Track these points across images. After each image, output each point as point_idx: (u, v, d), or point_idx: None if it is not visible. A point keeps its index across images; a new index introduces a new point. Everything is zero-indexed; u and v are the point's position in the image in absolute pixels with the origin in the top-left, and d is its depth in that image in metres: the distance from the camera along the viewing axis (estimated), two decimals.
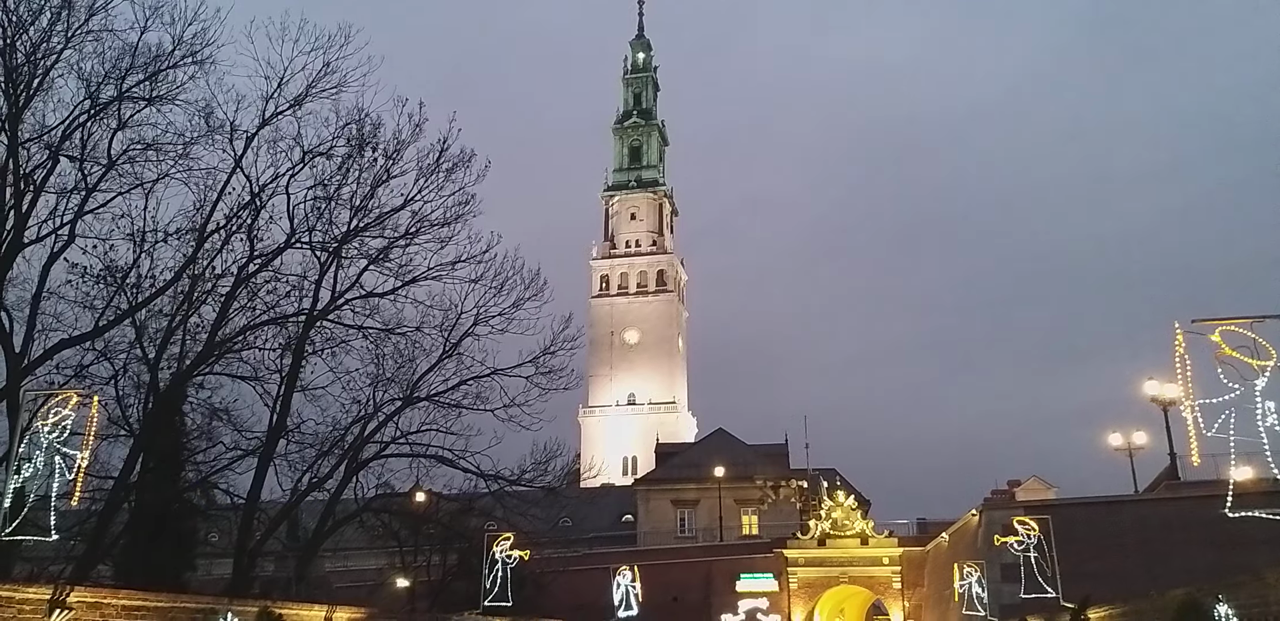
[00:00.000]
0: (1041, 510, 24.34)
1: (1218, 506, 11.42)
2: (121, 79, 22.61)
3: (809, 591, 48.40)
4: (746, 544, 53.60)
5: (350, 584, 39.96)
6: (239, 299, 24.66)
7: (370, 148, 25.86)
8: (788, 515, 55.26)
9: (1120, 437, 36.83)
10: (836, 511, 49.12)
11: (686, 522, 61.42)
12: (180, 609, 12.01)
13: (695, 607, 46.77)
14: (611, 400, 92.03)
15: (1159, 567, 24.37)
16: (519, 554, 21.96)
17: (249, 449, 25.24)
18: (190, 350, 24.07)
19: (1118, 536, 29.26)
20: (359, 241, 26.44)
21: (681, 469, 62.80)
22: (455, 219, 26.69)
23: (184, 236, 24.13)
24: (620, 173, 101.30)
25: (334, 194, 25.87)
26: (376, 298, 26.77)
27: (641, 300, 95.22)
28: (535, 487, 29.67)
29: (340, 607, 15.91)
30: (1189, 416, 9.71)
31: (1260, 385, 9.29)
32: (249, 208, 24.81)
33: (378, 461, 28.49)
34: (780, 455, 63.63)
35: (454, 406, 28.24)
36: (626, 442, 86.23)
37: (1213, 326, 9.64)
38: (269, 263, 25.18)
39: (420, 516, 33.20)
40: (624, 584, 28.89)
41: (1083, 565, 22.14)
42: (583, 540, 45.75)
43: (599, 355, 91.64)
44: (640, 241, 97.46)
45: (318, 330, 26.23)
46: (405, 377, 27.85)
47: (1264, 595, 9.51)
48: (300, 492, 26.48)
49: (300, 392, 26.07)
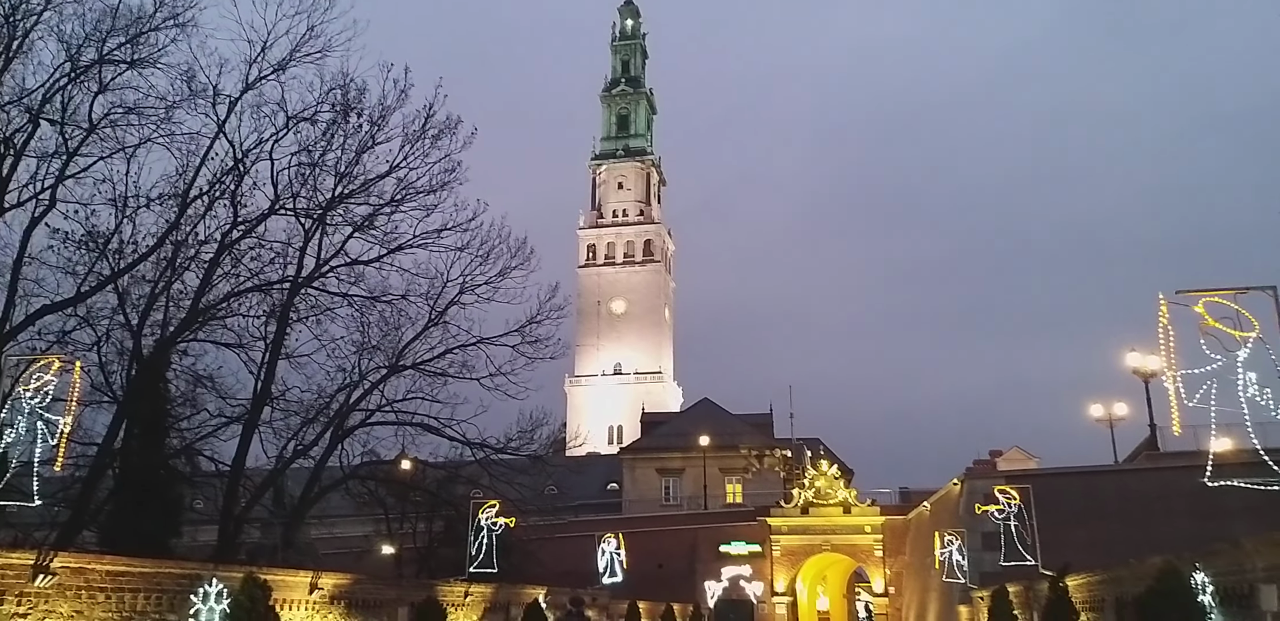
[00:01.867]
0: (1022, 480, 24.59)
1: (1197, 476, 11.54)
2: (102, 42, 22.27)
3: (792, 559, 48.94)
4: (731, 512, 54.09)
5: (336, 550, 40.17)
6: (222, 265, 24.48)
7: (355, 113, 25.59)
8: (772, 484, 55.72)
9: (1101, 409, 37.18)
10: (820, 480, 49.54)
11: (671, 491, 61.89)
12: (165, 574, 12.03)
13: (679, 574, 47.24)
14: (598, 370, 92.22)
15: (1138, 536, 24.69)
16: (505, 521, 22.06)
17: (233, 416, 25.23)
18: (173, 317, 23.92)
19: (1098, 506, 29.62)
20: (344, 208, 26.25)
21: (667, 438, 63.16)
22: (441, 186, 26.52)
23: (166, 202, 23.90)
24: (608, 141, 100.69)
25: (318, 160, 25.62)
26: (361, 265, 26.64)
27: (628, 270, 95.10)
28: (521, 456, 29.77)
29: (326, 573, 15.96)
30: (1171, 386, 9.78)
31: (1242, 356, 9.35)
32: (232, 173, 24.57)
33: (363, 429, 28.52)
34: (765, 425, 64.04)
35: (439, 375, 28.27)
36: (612, 412, 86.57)
37: (1196, 297, 9.68)
38: (253, 229, 24.98)
39: (406, 484, 33.32)
40: (609, 551, 29.13)
41: (1063, 534, 22.42)
42: (568, 508, 46.00)
43: (586, 325, 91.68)
44: (628, 211, 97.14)
45: (302, 297, 26.09)
46: (390, 346, 27.83)
47: (1240, 563, 9.64)
48: (285, 460, 26.50)
49: (285, 360, 26.02)
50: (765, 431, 62.93)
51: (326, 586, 15.47)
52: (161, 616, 11.79)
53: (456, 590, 20.77)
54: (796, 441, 60.52)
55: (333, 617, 15.86)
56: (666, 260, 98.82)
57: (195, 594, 12.10)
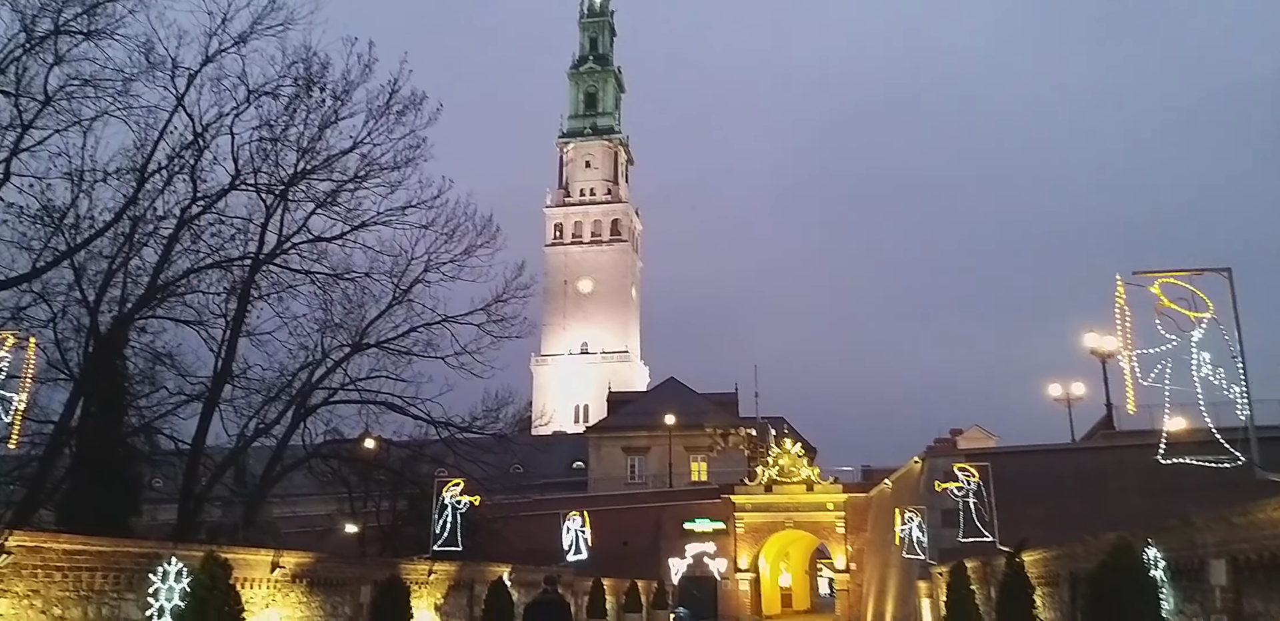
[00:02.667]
0: (982, 458, 24.90)
1: (1151, 454, 11.77)
2: (58, 12, 21.70)
3: (755, 536, 49.46)
4: (695, 490, 54.49)
5: (299, 529, 39.99)
6: (182, 241, 24.10)
7: (318, 88, 25.17)
8: (736, 462, 56.17)
9: (1059, 388, 37.77)
10: (784, 458, 50.02)
11: (637, 469, 62.21)
12: (123, 553, 11.88)
13: (644, 552, 47.58)
14: (564, 349, 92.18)
15: (1094, 513, 25.16)
16: (469, 499, 22.04)
17: (193, 394, 24.93)
18: (131, 293, 23.55)
19: (1055, 483, 30.13)
20: (306, 184, 25.88)
21: (633, 417, 63.39)
22: (406, 163, 26.22)
23: (124, 176, 23.43)
24: (575, 119, 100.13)
25: (280, 135, 25.21)
26: (324, 242, 26.32)
27: (596, 249, 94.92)
28: (486, 435, 29.73)
29: (288, 552, 15.86)
30: (1126, 366, 9.95)
31: (1197, 336, 9.52)
32: (192, 148, 24.14)
33: (326, 407, 28.32)
34: (730, 404, 64.46)
35: (404, 353, 28.10)
36: (579, 391, 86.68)
37: (1153, 278, 9.82)
38: (213, 204, 24.59)
39: (370, 462, 33.19)
40: (574, 528, 29.23)
41: (1020, 511, 22.75)
42: (534, 486, 46.15)
43: (552, 304, 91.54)
44: (595, 190, 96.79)
45: (264, 274, 25.77)
46: (354, 324, 27.58)
47: (1192, 539, 9.84)
48: (247, 438, 26.28)
49: (246, 338, 25.70)
50: (730, 410, 63.34)
51: (288, 565, 15.38)
52: (120, 595, 11.67)
53: (420, 568, 20.75)
54: (761, 420, 60.95)
55: (295, 596, 15.79)
56: (634, 240, 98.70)
57: (154, 573, 11.97)
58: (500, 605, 23.48)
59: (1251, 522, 8.51)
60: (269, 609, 14.98)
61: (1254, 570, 8.64)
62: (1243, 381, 9.66)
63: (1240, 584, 8.96)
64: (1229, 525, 8.97)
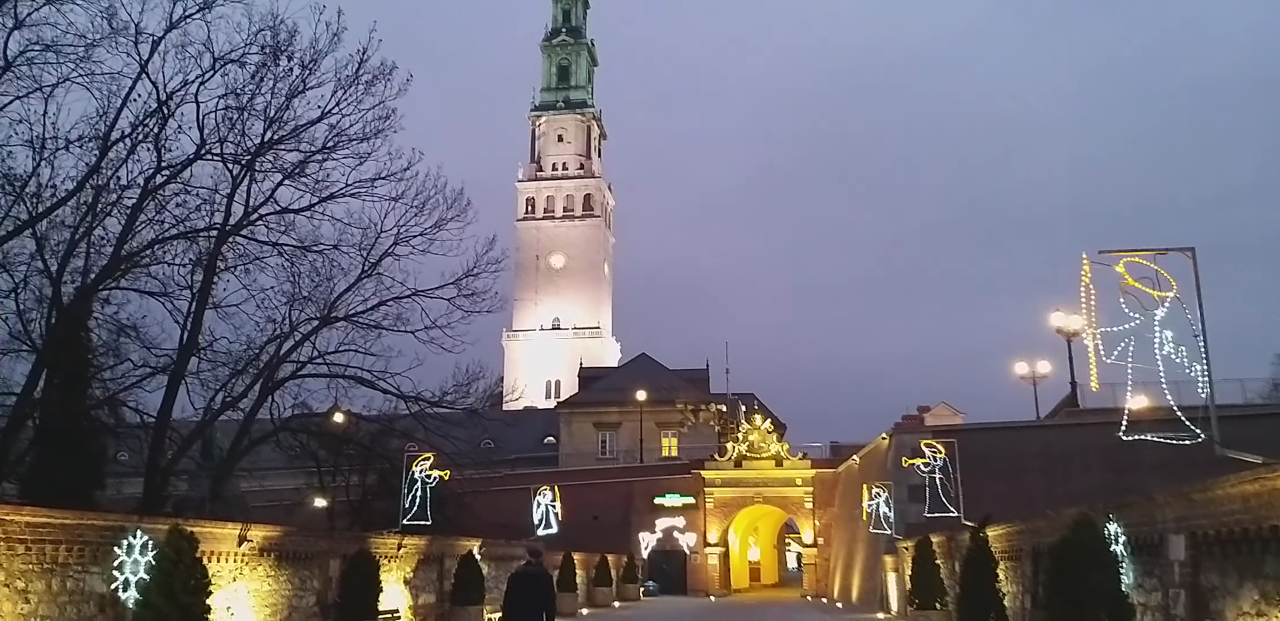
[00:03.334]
0: (948, 434, 25.20)
1: (1114, 432, 11.94)
2: None
3: (725, 510, 49.88)
4: (666, 465, 54.82)
5: (267, 503, 39.83)
6: (146, 211, 23.65)
7: (285, 57, 24.66)
8: (707, 438, 56.51)
9: (1025, 366, 38.24)
10: (753, 434, 50.39)
11: (608, 445, 62.44)
12: (87, 526, 11.77)
13: (615, 526, 47.87)
14: (536, 324, 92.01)
15: (1057, 489, 25.59)
16: (439, 474, 22.04)
17: (159, 367, 24.63)
18: (95, 264, 23.14)
19: (1019, 460, 30.56)
20: (273, 155, 25.45)
21: (604, 392, 63.52)
22: (375, 134, 25.82)
23: (87, 144, 22.94)
24: (548, 92, 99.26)
25: (246, 104, 24.74)
26: (292, 214, 25.92)
27: (568, 224, 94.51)
28: (457, 409, 29.64)
29: (255, 526, 15.79)
30: (1090, 343, 10.05)
31: (1160, 315, 9.63)
32: (156, 116, 23.64)
33: (294, 381, 28.07)
34: (701, 380, 64.76)
35: (373, 327, 27.86)
36: (550, 366, 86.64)
37: (1118, 257, 9.91)
38: (177, 174, 24.15)
39: (339, 436, 33.04)
40: (544, 503, 29.38)
41: (985, 487, 23.10)
42: (505, 461, 46.17)
43: (524, 279, 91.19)
44: (567, 164, 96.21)
45: (230, 246, 25.39)
46: (322, 297, 27.26)
47: (1152, 514, 10.00)
48: (213, 412, 26.04)
49: (212, 310, 25.36)
50: (701, 386, 63.62)
51: (256, 538, 15.32)
52: (84, 568, 11.57)
53: (390, 542, 20.76)
54: (732, 396, 61.31)
55: (262, 570, 15.76)
56: (607, 215, 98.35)
57: (119, 546, 11.89)
58: (470, 578, 23.59)
59: (1210, 499, 8.66)
60: (236, 582, 14.94)
61: (1212, 545, 8.80)
62: (1204, 359, 9.79)
63: (1198, 558, 9.13)
64: (1188, 501, 9.12)
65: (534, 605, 13.44)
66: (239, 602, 14.98)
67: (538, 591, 13.75)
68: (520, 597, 13.66)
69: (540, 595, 13.72)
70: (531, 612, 13.40)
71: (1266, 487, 7.54)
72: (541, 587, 14.01)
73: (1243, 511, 8.06)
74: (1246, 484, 7.93)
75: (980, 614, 15.37)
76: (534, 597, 13.57)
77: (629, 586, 41.86)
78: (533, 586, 13.80)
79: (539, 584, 14.01)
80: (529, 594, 13.63)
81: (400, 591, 21.20)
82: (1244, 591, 8.30)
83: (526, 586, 13.78)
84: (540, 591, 13.81)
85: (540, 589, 13.88)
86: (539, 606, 13.44)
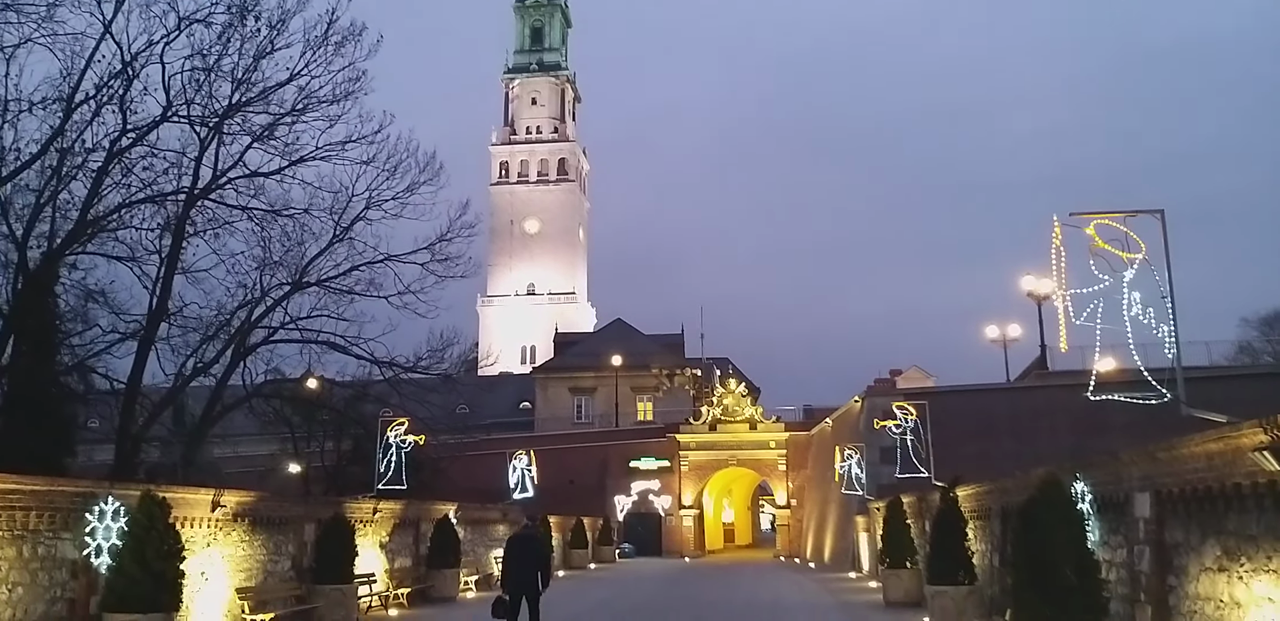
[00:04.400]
0: (920, 397, 25.45)
1: (1082, 393, 12.09)
2: None
3: (699, 473, 50.34)
4: (641, 429, 55.14)
5: (241, 470, 39.85)
6: (112, 175, 23.29)
7: (252, 16, 24.24)
8: (682, 402, 56.83)
9: (996, 330, 38.63)
10: (728, 398, 50.73)
11: (584, 409, 62.63)
12: (58, 492, 11.69)
13: (590, 490, 48.22)
14: (511, 289, 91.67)
15: (1025, 450, 25.94)
16: (414, 439, 22.04)
17: (128, 332, 24.40)
18: (61, 228, 22.81)
19: (989, 422, 30.96)
20: (242, 117, 25.08)
21: (579, 357, 63.57)
22: (345, 96, 25.48)
23: (50, 106, 22.55)
24: (521, 55, 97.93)
25: (213, 65, 24.31)
26: (261, 177, 25.61)
27: (542, 188, 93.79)
28: (432, 375, 29.59)
29: (229, 491, 15.76)
30: (1060, 305, 10.14)
31: (1128, 276, 9.72)
32: (120, 77, 23.19)
33: (266, 347, 27.92)
34: (676, 345, 64.91)
35: (345, 292, 27.66)
36: (526, 332, 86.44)
37: (1088, 220, 9.97)
38: (144, 136, 23.74)
39: (312, 402, 32.95)
40: (520, 467, 29.47)
41: (956, 448, 23.39)
42: (480, 426, 46.28)
43: (498, 244, 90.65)
44: (541, 128, 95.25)
45: (199, 210, 25.09)
46: (294, 262, 27.01)
47: (1117, 473, 10.16)
48: (185, 378, 25.86)
49: (182, 275, 25.10)
50: (676, 351, 63.81)
51: (230, 504, 15.29)
52: (55, 535, 11.52)
53: (365, 507, 20.80)
54: (706, 361, 61.57)
55: (237, 535, 15.75)
56: (581, 180, 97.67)
57: (90, 512, 11.84)
58: (446, 542, 23.73)
59: (1175, 457, 8.80)
60: (210, 548, 14.93)
61: (1175, 502, 8.96)
62: (1171, 320, 9.90)
63: (1163, 515, 9.30)
64: (1153, 460, 9.27)
65: (530, 565, 14.48)
66: (213, 568, 14.99)
67: (534, 552, 14.83)
68: (518, 558, 14.68)
69: (536, 555, 14.79)
70: (528, 572, 14.41)
71: (1230, 446, 7.66)
72: (540, 549, 15.15)
73: (1206, 469, 8.19)
74: (1210, 443, 8.06)
75: (949, 572, 15.62)
76: (530, 558, 14.63)
77: (605, 548, 42.28)
78: (529, 548, 14.86)
79: (535, 545, 15.09)
80: (526, 554, 14.68)
81: (376, 555, 21.29)
82: (1207, 547, 8.47)
83: (524, 548, 14.81)
84: (536, 552, 14.90)
85: (535, 549, 14.95)
86: (535, 566, 14.51)
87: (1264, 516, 7.40)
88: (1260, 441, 6.96)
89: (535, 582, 14.32)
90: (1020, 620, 10.04)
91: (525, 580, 14.32)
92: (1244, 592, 7.75)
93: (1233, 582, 7.95)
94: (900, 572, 20.67)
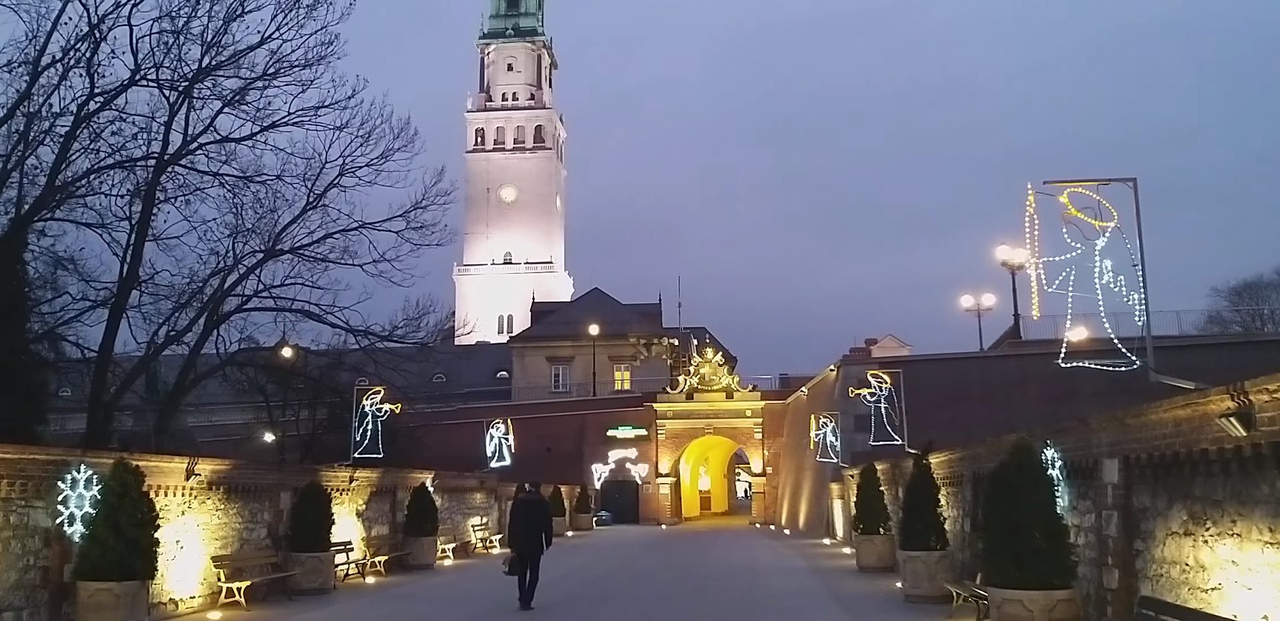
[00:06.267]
0: (894, 366, 25.62)
1: (1054, 361, 12.21)
2: None
3: (676, 442, 50.64)
4: (618, 398, 55.34)
5: (215, 438, 39.66)
6: (80, 140, 22.94)
7: None
8: (659, 371, 57.00)
9: (971, 299, 38.92)
10: (704, 367, 50.92)
11: (561, 378, 62.74)
12: (29, 461, 11.60)
13: (568, 458, 48.43)
14: (488, 258, 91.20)
15: (998, 418, 26.25)
16: (390, 407, 21.99)
17: (99, 300, 24.15)
18: (29, 194, 22.49)
19: (963, 390, 31.28)
20: (212, 81, 24.72)
21: (557, 327, 63.56)
22: (317, 60, 25.13)
23: (16, 70, 22.19)
24: (497, 19, 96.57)
25: (183, 28, 23.91)
26: (233, 143, 25.31)
27: (519, 156, 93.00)
28: (407, 344, 29.49)
29: (204, 459, 15.70)
30: (1033, 273, 10.21)
31: (1100, 244, 9.78)
32: (88, 40, 22.77)
33: (240, 315, 27.71)
34: (654, 314, 65.00)
35: (320, 260, 27.46)
36: (503, 301, 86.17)
37: (1061, 188, 10.01)
38: (111, 100, 23.36)
39: (287, 371, 32.78)
40: (497, 436, 29.51)
41: (929, 416, 23.63)
42: (458, 395, 46.26)
43: (475, 212, 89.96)
44: (518, 94, 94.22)
45: (169, 176, 24.76)
46: (267, 229, 26.76)
47: (1087, 439, 10.29)
48: (157, 346, 25.65)
49: (153, 242, 24.84)
50: (654, 320, 63.90)
51: (204, 472, 15.24)
52: (28, 503, 11.45)
53: (341, 475, 20.79)
54: (684, 330, 61.72)
55: (211, 503, 15.71)
56: (558, 148, 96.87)
57: (63, 480, 11.77)
58: (423, 510, 23.78)
59: (1143, 423, 8.91)
60: (185, 516, 14.90)
61: (1143, 468, 9.09)
62: (1142, 288, 9.99)
63: (1130, 481, 9.44)
64: (1122, 426, 9.39)
65: (534, 526, 15.46)
66: (188, 535, 14.97)
67: (537, 515, 15.73)
68: (522, 520, 15.62)
69: (540, 518, 15.73)
70: (532, 533, 15.33)
71: (1197, 412, 7.77)
72: (540, 512, 15.98)
73: (1174, 435, 8.31)
74: (1178, 409, 8.16)
75: (921, 537, 15.82)
76: (534, 520, 15.56)
77: (583, 516, 42.56)
78: (533, 511, 15.77)
79: (538, 509, 15.97)
80: (530, 517, 15.60)
81: (353, 523, 21.32)
82: (1173, 512, 8.61)
83: (528, 511, 15.73)
84: (539, 515, 15.80)
85: (539, 513, 15.86)
86: (538, 527, 15.47)
87: (1229, 481, 7.52)
88: (1227, 408, 7.05)
89: (540, 542, 15.23)
90: (991, 583, 10.19)
91: (531, 539, 15.18)
92: (1209, 556, 7.89)
93: (1198, 546, 8.09)
94: (873, 538, 20.92)
